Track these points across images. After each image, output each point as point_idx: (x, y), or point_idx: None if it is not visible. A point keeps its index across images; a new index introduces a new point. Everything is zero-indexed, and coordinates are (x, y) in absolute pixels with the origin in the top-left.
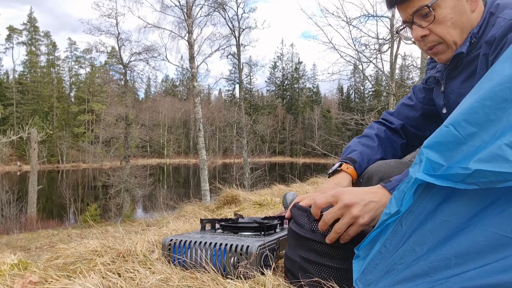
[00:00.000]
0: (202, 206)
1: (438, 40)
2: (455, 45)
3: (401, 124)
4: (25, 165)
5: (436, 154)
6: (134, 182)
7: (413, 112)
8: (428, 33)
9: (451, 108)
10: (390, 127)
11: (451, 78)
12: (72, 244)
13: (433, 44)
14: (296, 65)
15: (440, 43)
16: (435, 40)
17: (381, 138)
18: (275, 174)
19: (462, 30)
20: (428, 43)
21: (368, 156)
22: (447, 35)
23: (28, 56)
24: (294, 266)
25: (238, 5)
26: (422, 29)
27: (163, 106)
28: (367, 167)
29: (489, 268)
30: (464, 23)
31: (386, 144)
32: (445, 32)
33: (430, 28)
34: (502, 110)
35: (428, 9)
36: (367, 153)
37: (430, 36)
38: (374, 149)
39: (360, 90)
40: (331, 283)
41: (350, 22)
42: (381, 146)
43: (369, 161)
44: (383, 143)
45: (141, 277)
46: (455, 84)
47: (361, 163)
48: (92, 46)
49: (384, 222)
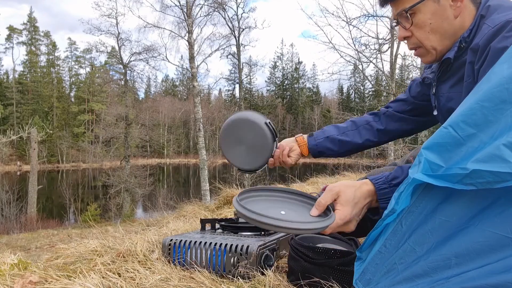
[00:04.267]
0: (202, 206)
1: (417, 44)
2: (434, 50)
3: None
4: (25, 165)
5: (435, 155)
6: (134, 182)
7: (404, 106)
8: (410, 35)
9: (441, 111)
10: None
11: (441, 81)
12: (72, 244)
13: (413, 47)
14: (296, 65)
15: (419, 46)
16: (415, 43)
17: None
18: (275, 174)
19: (442, 35)
20: (410, 45)
21: (329, 133)
22: (425, 40)
23: (28, 56)
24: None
25: (238, 5)
26: (405, 30)
27: (163, 106)
28: (322, 142)
29: (489, 268)
30: (446, 29)
31: (358, 130)
32: (423, 37)
33: (411, 30)
34: (500, 111)
35: (406, 14)
36: (329, 131)
37: (412, 38)
38: (340, 129)
39: (360, 90)
40: (331, 283)
41: (350, 22)
42: (351, 131)
43: (328, 137)
44: (355, 129)
45: (141, 277)
46: (444, 88)
47: (316, 137)
48: (92, 46)
49: (382, 221)
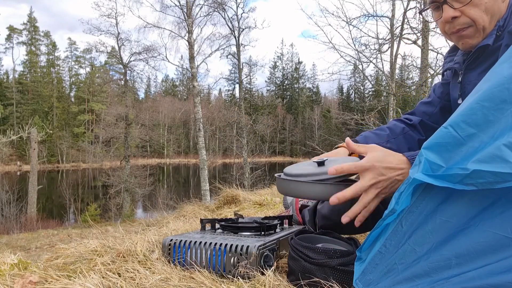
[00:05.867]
0: (202, 206)
1: (469, 23)
2: (483, 30)
3: (419, 120)
4: (25, 165)
5: (435, 155)
6: (134, 182)
7: (431, 107)
8: (459, 14)
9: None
10: (408, 123)
11: (470, 69)
12: (72, 244)
13: (463, 27)
14: (296, 65)
15: (470, 26)
16: (466, 22)
17: (394, 131)
18: (275, 174)
19: (492, 17)
20: (457, 26)
21: (373, 140)
22: (479, 18)
23: (28, 56)
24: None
25: (238, 5)
26: (454, 10)
27: (163, 106)
28: None
29: (490, 268)
30: (495, 11)
31: (400, 138)
32: (478, 16)
33: (463, 10)
34: (500, 111)
35: None
36: (373, 138)
37: (461, 18)
38: (382, 137)
39: (360, 90)
40: (331, 283)
41: (350, 22)
42: (393, 138)
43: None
44: (396, 136)
45: (141, 277)
46: (473, 75)
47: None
48: (92, 46)
49: (382, 221)
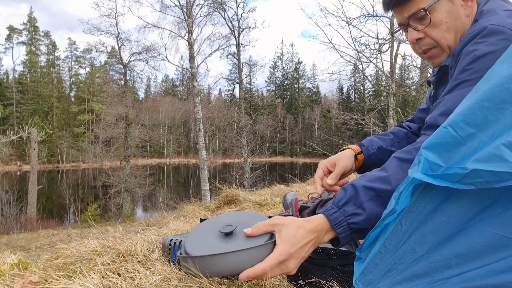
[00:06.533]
0: (202, 206)
1: (432, 44)
2: (449, 49)
3: (417, 126)
4: (25, 165)
5: (435, 155)
6: (134, 182)
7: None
8: (423, 36)
9: None
10: (409, 130)
11: (439, 85)
12: (72, 244)
13: (428, 48)
14: (296, 65)
15: (435, 46)
16: (430, 43)
17: (397, 135)
18: (275, 174)
19: (456, 34)
20: (423, 46)
21: (377, 144)
22: (442, 39)
23: (28, 56)
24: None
25: (238, 5)
26: (418, 32)
27: (163, 106)
28: (376, 153)
29: (489, 268)
30: (458, 28)
31: (404, 143)
32: (440, 36)
33: (426, 31)
34: (500, 111)
35: (425, 12)
36: (377, 142)
37: (425, 40)
38: (386, 141)
39: (360, 90)
40: (331, 283)
41: (350, 22)
42: (397, 142)
43: (379, 148)
44: (400, 141)
45: (141, 277)
46: (441, 91)
47: (369, 147)
48: (92, 46)
49: (382, 221)
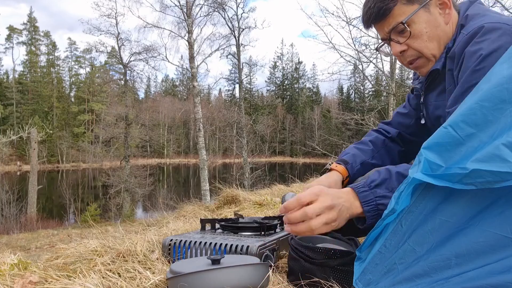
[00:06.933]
0: (202, 206)
1: (417, 54)
2: (434, 57)
3: (397, 132)
4: (25, 165)
5: (435, 155)
6: (134, 182)
7: (408, 119)
8: (406, 48)
9: (430, 119)
10: (387, 136)
11: (429, 91)
12: (72, 244)
13: (413, 58)
14: (296, 65)
15: (419, 57)
16: (414, 54)
17: (376, 144)
18: (275, 174)
19: (439, 42)
20: (408, 58)
21: (360, 159)
22: (424, 48)
23: (28, 56)
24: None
25: (238, 5)
26: (400, 44)
27: (163, 106)
28: (360, 169)
29: (489, 268)
30: (440, 36)
31: (382, 151)
32: (422, 46)
33: (408, 43)
34: (500, 111)
35: (403, 26)
36: (360, 156)
37: (408, 51)
38: (367, 153)
39: (360, 90)
40: (331, 283)
41: (350, 22)
42: (377, 152)
43: (362, 163)
44: (379, 150)
45: (141, 277)
46: (432, 97)
47: (353, 164)
48: (92, 46)
49: (382, 221)
